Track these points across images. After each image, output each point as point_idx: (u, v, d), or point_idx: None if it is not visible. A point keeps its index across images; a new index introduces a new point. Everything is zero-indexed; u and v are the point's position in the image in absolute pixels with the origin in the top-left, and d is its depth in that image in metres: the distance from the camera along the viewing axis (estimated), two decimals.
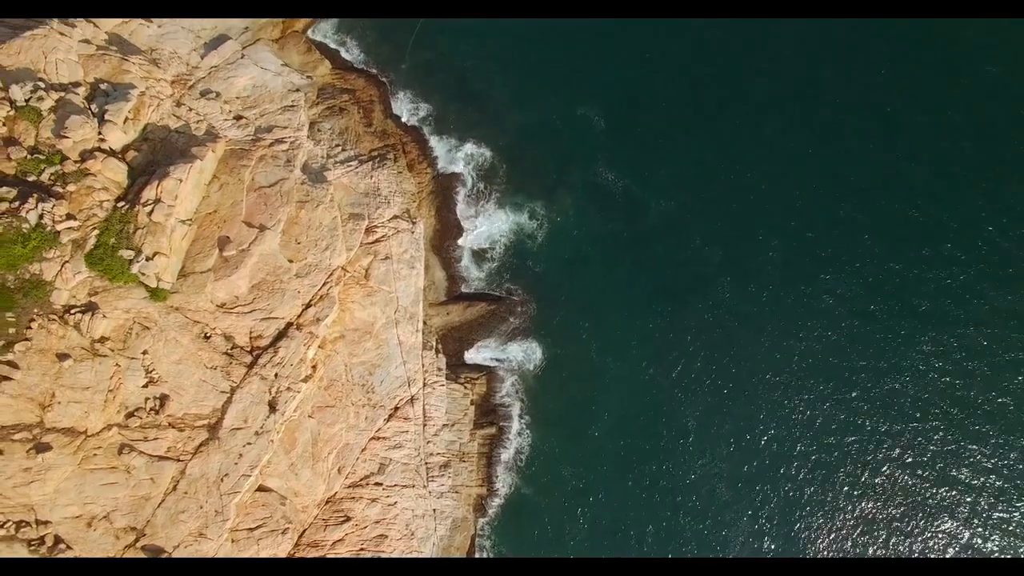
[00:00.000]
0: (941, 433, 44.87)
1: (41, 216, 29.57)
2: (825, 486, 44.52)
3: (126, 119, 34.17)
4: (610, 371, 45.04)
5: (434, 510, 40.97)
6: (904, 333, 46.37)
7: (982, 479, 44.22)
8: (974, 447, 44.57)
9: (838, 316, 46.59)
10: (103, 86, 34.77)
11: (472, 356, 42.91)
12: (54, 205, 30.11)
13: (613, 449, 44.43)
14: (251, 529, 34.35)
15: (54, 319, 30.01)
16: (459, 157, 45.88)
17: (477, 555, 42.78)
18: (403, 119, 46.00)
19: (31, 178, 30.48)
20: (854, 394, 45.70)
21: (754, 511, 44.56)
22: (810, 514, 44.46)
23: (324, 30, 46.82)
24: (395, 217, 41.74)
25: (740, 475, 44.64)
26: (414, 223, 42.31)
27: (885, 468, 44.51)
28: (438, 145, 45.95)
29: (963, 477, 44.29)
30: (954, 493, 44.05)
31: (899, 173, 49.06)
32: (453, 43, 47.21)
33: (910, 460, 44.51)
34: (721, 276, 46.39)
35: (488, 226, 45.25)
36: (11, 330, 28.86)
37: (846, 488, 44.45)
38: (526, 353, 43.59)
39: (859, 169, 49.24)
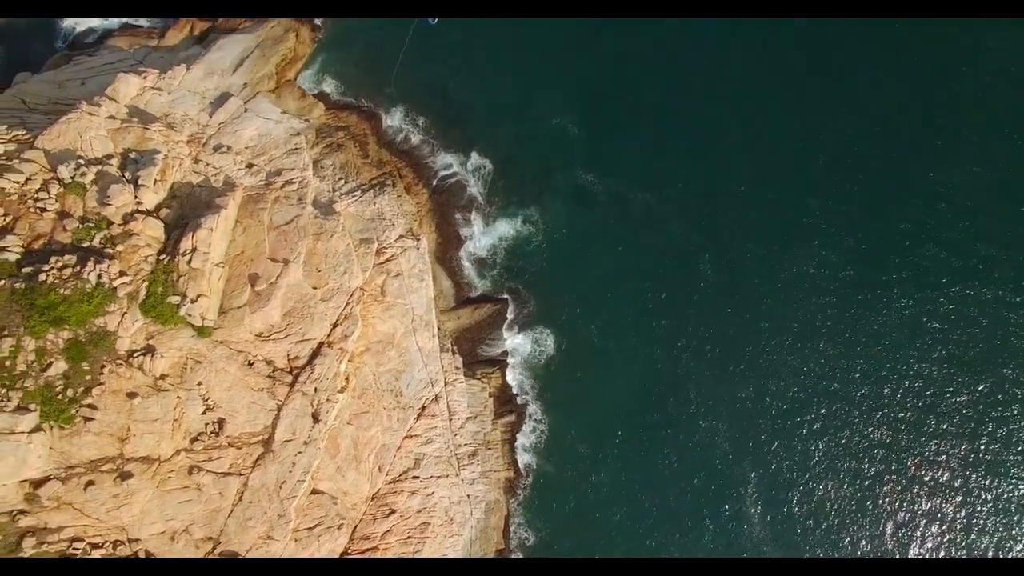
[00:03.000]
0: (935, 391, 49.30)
1: (99, 276, 33.91)
2: (822, 444, 48.92)
3: (155, 181, 38.54)
4: (613, 353, 49.39)
5: (468, 496, 45.31)
6: (884, 296, 50.59)
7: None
8: (962, 398, 48.96)
9: (821, 283, 50.74)
10: (132, 155, 39.17)
11: (485, 353, 47.35)
12: (108, 265, 34.44)
13: (624, 424, 48.75)
14: (310, 528, 38.75)
15: (121, 363, 34.36)
16: (451, 175, 50.23)
17: (512, 533, 47.14)
18: (395, 146, 50.34)
19: (85, 244, 34.84)
20: (843, 351, 50.10)
21: (757, 464, 48.93)
22: (813, 470, 48.80)
23: (312, 75, 51.10)
24: (401, 237, 46.10)
25: (742, 436, 49.00)
26: (418, 240, 46.64)
27: (887, 429, 48.70)
28: (430, 166, 50.25)
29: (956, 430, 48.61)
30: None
31: (857, 153, 53.24)
32: (433, 69, 51.29)
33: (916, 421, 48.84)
34: (703, 255, 50.77)
35: (485, 235, 49.63)
36: (87, 377, 33.22)
37: (843, 446, 48.98)
38: (534, 345, 47.97)
39: (825, 141, 53.38)
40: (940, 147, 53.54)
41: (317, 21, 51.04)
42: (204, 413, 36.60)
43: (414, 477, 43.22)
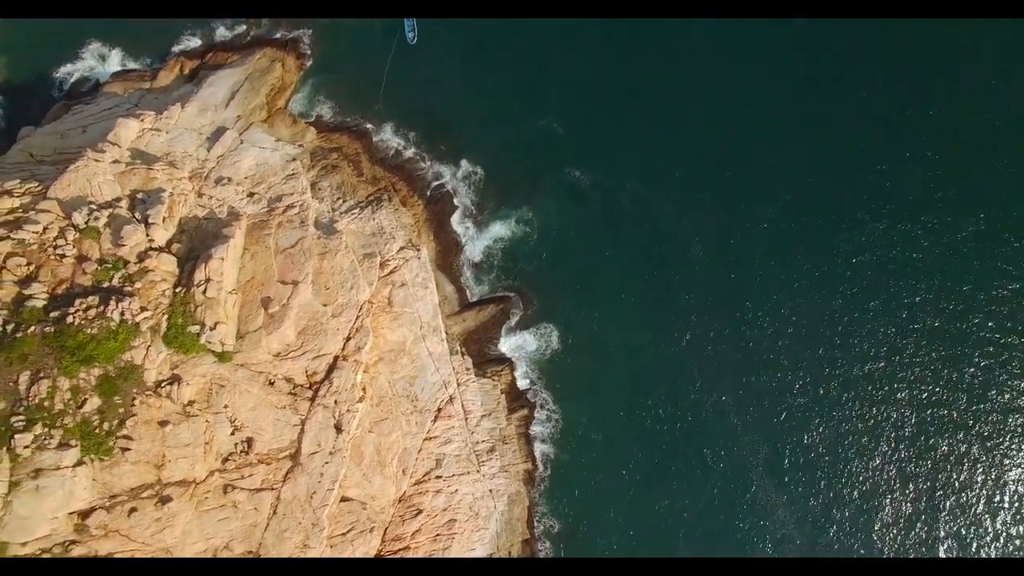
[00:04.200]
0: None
1: (122, 313, 35.72)
2: (825, 414, 50.89)
3: (164, 218, 40.36)
4: (615, 341, 51.28)
5: (490, 490, 47.15)
6: (878, 271, 52.58)
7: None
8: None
9: (814, 259, 52.69)
10: (139, 195, 40.98)
11: (493, 352, 49.19)
12: (129, 302, 36.25)
13: (633, 407, 50.66)
14: (343, 533, 40.61)
15: (150, 394, 36.19)
16: (443, 184, 52.06)
17: (536, 522, 48.94)
18: (388, 162, 52.11)
19: (105, 284, 36.65)
20: (827, 324, 52.18)
21: (765, 436, 50.82)
22: (815, 438, 50.82)
23: (301, 102, 52.85)
24: (402, 248, 47.93)
25: (747, 409, 50.94)
26: (419, 250, 48.48)
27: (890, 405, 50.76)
28: (422, 178, 52.05)
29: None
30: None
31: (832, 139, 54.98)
32: (417, 84, 53.04)
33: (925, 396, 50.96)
34: (694, 239, 52.64)
35: (482, 239, 51.48)
36: (120, 410, 35.06)
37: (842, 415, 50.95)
38: (539, 339, 49.80)
39: (806, 121, 55.25)
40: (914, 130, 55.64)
41: (304, 45, 52.78)
42: (232, 434, 38.44)
43: (437, 477, 45.08)
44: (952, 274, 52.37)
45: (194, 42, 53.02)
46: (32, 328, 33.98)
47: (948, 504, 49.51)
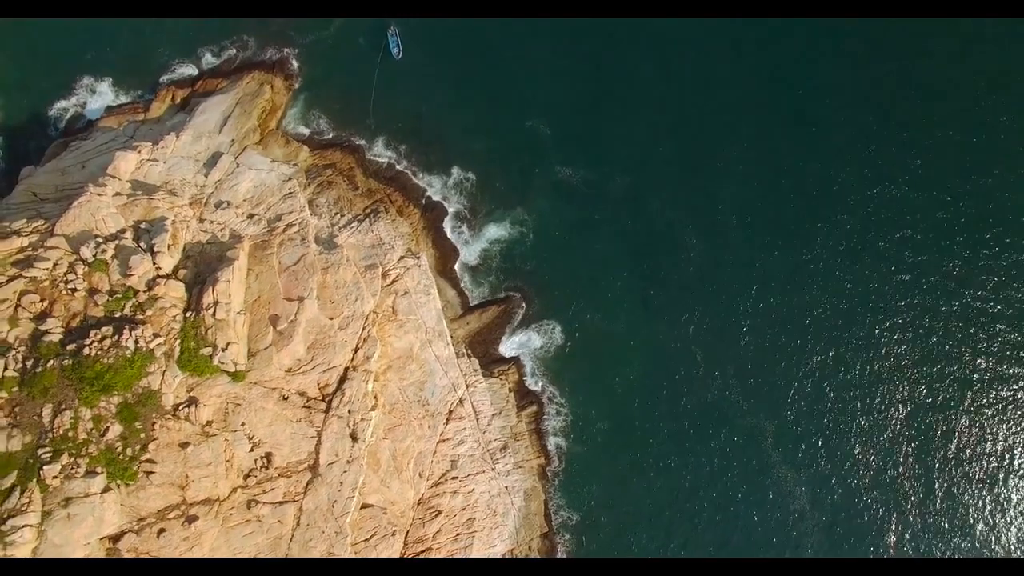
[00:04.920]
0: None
1: (136, 341, 36.71)
2: (828, 383, 52.30)
3: (168, 246, 41.34)
4: (616, 331, 52.43)
5: (506, 487, 48.17)
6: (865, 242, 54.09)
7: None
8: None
9: (803, 235, 54.04)
10: (143, 225, 41.99)
11: (499, 352, 50.23)
12: (142, 330, 37.23)
13: (640, 395, 51.86)
14: (366, 539, 41.62)
15: (169, 417, 37.19)
16: (437, 192, 53.10)
17: (553, 515, 49.93)
18: (381, 174, 53.09)
19: (117, 314, 37.64)
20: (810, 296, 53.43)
21: (772, 412, 51.99)
22: (820, 410, 52.17)
23: (293, 122, 53.72)
24: (402, 257, 48.93)
25: (752, 387, 52.11)
26: (418, 257, 49.48)
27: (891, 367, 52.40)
28: (416, 187, 53.06)
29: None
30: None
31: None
32: (405, 97, 54.05)
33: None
34: (686, 226, 53.79)
35: (479, 242, 52.55)
36: (142, 435, 36.04)
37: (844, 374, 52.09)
38: (543, 335, 50.92)
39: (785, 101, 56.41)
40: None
41: (291, 66, 53.77)
42: (252, 450, 39.43)
43: (453, 478, 46.10)
44: (947, 246, 53.69)
45: (183, 70, 53.86)
46: (51, 362, 34.97)
47: (947, 455, 50.97)
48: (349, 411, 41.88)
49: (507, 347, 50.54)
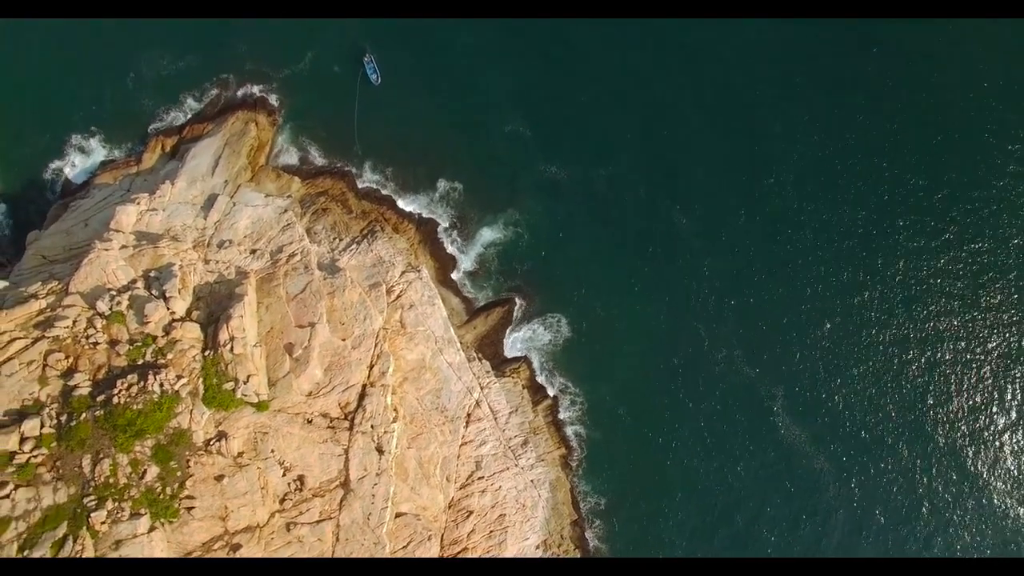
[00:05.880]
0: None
1: (161, 385, 38.24)
2: (830, 350, 54.18)
3: (179, 290, 42.86)
4: (620, 317, 54.06)
5: (531, 481, 49.73)
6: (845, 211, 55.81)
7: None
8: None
9: (788, 209, 55.78)
10: (152, 273, 43.49)
11: (508, 351, 51.79)
12: (165, 373, 38.75)
13: (650, 375, 53.59)
14: (404, 547, 43.18)
15: (202, 453, 38.71)
16: (428, 205, 54.60)
17: (581, 502, 51.46)
18: (373, 195, 54.53)
19: (140, 361, 39.17)
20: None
21: (778, 377, 53.71)
22: (826, 370, 53.95)
23: (281, 155, 55.12)
24: (403, 273, 50.46)
25: (757, 357, 53.89)
26: (419, 270, 50.99)
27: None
28: (408, 204, 54.56)
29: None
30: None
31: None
32: (388, 119, 55.20)
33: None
34: (674, 208, 55.37)
35: (474, 248, 54.13)
36: (178, 473, 37.59)
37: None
38: (549, 330, 52.57)
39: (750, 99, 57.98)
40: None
41: (272, 102, 55.23)
42: (284, 475, 40.97)
43: (479, 478, 47.66)
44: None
45: (169, 118, 55.15)
46: (84, 415, 36.50)
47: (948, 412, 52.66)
48: (372, 426, 43.41)
49: (515, 345, 52.15)
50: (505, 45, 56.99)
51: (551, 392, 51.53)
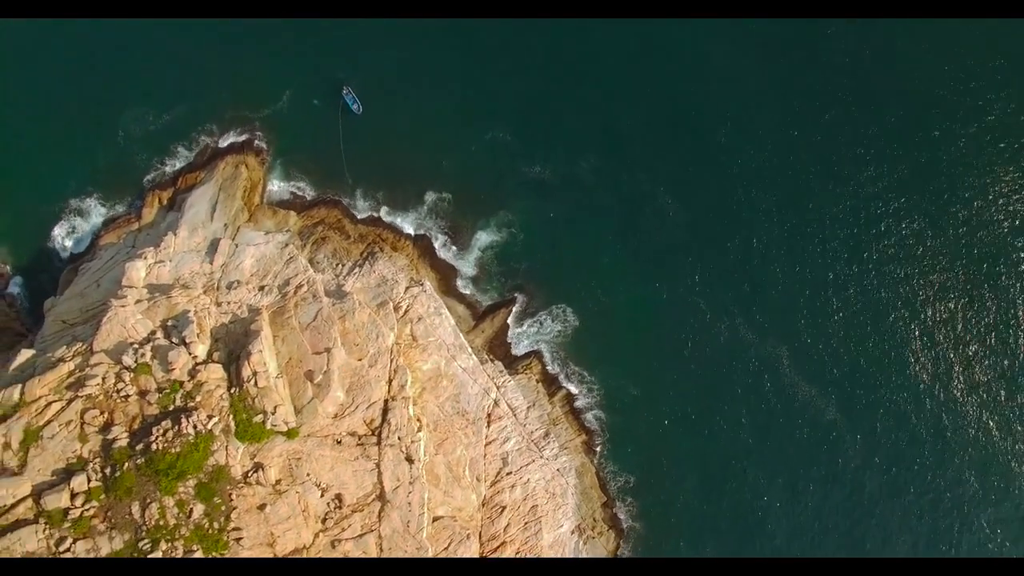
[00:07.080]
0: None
1: (195, 426, 40.04)
2: (833, 316, 56.19)
3: (197, 334, 44.69)
4: (623, 301, 55.99)
5: (558, 470, 51.52)
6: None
7: None
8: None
9: (771, 181, 57.93)
10: (169, 323, 45.28)
11: (518, 349, 53.61)
12: (196, 415, 40.54)
13: (659, 354, 55.50)
14: (445, 548, 44.96)
15: (242, 485, 40.50)
16: (422, 220, 56.35)
17: (609, 485, 53.18)
18: (368, 219, 56.27)
19: (171, 407, 41.02)
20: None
21: (783, 339, 55.80)
22: (828, 328, 56.12)
23: (275, 192, 56.77)
24: (407, 288, 52.25)
25: (760, 324, 55.83)
26: (422, 284, 52.77)
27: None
28: (402, 221, 56.26)
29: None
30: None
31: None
32: (373, 145, 56.79)
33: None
34: (659, 190, 57.20)
35: (471, 253, 55.89)
36: (223, 507, 39.38)
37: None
38: (556, 322, 54.37)
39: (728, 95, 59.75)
40: None
41: (258, 144, 56.93)
42: (322, 496, 42.78)
43: (507, 473, 49.49)
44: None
45: (162, 169, 56.79)
46: (126, 465, 38.32)
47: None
48: (399, 438, 45.20)
49: (524, 342, 53.93)
50: (475, 57, 58.69)
51: (565, 383, 53.28)
